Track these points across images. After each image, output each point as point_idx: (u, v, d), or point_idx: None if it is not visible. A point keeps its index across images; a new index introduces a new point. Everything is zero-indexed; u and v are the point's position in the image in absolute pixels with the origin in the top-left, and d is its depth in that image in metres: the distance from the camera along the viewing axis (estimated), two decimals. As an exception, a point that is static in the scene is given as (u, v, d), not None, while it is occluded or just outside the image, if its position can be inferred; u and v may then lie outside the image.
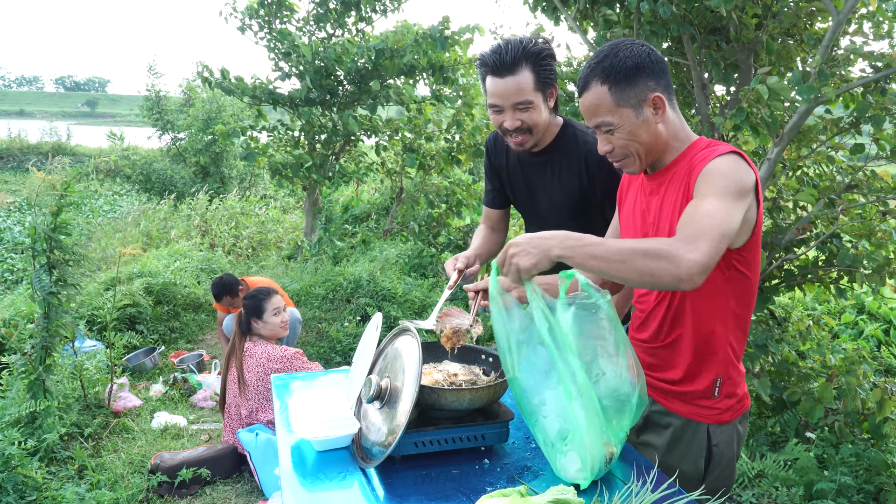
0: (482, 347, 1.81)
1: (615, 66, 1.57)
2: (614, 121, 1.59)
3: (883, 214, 3.89)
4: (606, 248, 1.39)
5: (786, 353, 4.41)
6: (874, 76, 3.72)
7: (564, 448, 1.45)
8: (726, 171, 1.51)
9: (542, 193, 2.22)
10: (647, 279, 1.37)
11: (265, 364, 3.49)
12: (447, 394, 1.51)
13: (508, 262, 1.44)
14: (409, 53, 6.82)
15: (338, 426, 1.57)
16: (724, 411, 1.70)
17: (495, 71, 1.96)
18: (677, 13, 4.15)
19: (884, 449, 3.73)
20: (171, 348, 5.58)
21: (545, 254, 1.41)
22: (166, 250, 7.52)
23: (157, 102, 14.48)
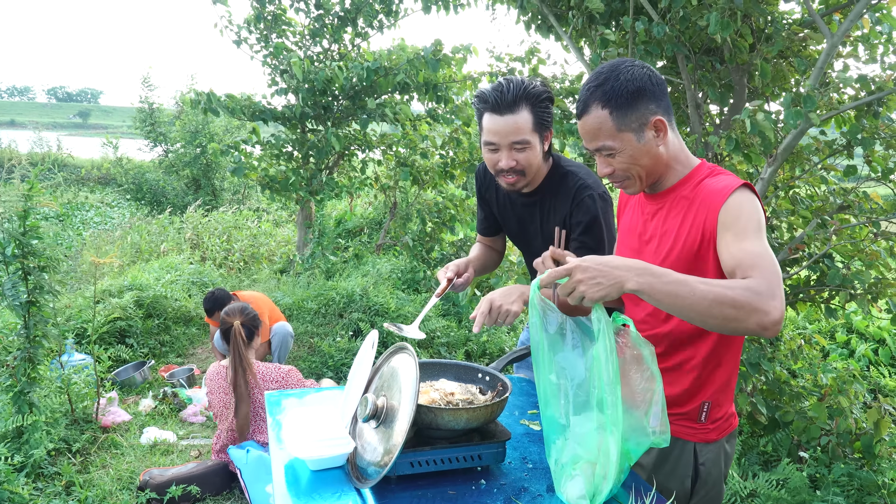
0: (479, 366, 1.79)
1: (616, 90, 1.55)
2: (615, 145, 1.58)
3: (875, 235, 3.92)
4: (690, 290, 1.35)
5: (778, 372, 4.42)
6: (867, 99, 3.76)
7: (573, 472, 1.43)
8: (751, 210, 1.52)
9: (535, 234, 2.22)
10: (731, 326, 1.35)
11: (265, 384, 3.46)
12: (444, 413, 1.50)
13: (573, 286, 1.38)
14: (402, 72, 6.87)
15: (333, 445, 1.55)
16: (710, 430, 1.70)
17: (495, 108, 1.95)
18: (671, 34, 4.18)
19: (875, 469, 3.73)
20: (160, 362, 5.54)
21: (617, 286, 1.36)
22: (157, 263, 7.47)
23: (151, 114, 14.47)
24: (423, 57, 6.91)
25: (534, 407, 1.97)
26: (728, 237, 1.50)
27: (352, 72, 6.86)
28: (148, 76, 14.66)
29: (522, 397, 2.05)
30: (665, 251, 1.63)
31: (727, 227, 1.51)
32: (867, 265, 3.99)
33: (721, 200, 1.53)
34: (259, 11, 7.59)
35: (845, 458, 3.86)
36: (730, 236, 1.49)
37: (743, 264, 1.43)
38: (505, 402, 1.59)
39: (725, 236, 1.51)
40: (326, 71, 6.73)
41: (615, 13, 4.77)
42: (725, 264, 1.49)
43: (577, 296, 1.37)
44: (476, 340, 6.03)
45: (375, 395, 1.55)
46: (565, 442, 1.45)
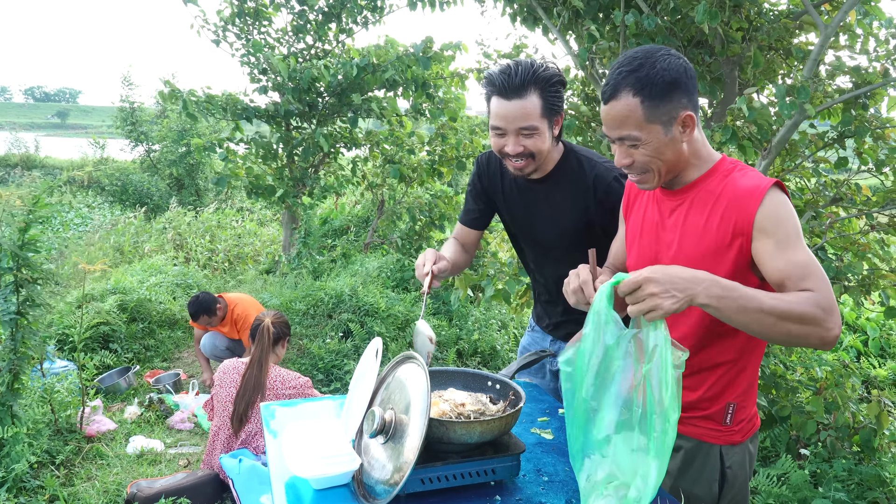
0: (488, 373, 1.71)
1: (651, 79, 1.46)
2: (642, 136, 1.50)
3: (872, 228, 3.89)
4: (759, 305, 1.32)
5: (773, 367, 4.39)
6: (856, 91, 3.73)
7: (604, 491, 1.36)
8: (789, 214, 1.47)
9: (546, 222, 2.12)
10: (792, 340, 1.35)
11: (277, 388, 3.36)
12: (456, 426, 1.42)
13: (644, 296, 1.30)
14: (390, 69, 6.77)
15: (337, 462, 1.47)
16: (735, 432, 1.65)
17: (502, 92, 1.87)
18: (662, 26, 4.13)
19: (875, 463, 3.71)
20: (146, 367, 5.41)
21: (689, 300, 1.31)
22: (140, 265, 7.32)
23: (132, 114, 14.26)
24: (412, 55, 6.81)
25: (543, 414, 1.90)
26: (770, 245, 1.45)
27: (339, 69, 6.75)
28: (128, 75, 14.45)
29: (531, 404, 1.98)
30: (688, 247, 1.57)
31: (767, 233, 1.46)
32: (860, 257, 3.97)
33: (756, 201, 1.47)
34: (239, 8, 7.45)
35: (845, 452, 3.83)
36: (772, 245, 1.44)
37: (793, 276, 1.40)
38: (518, 412, 1.51)
39: (766, 244, 1.45)
40: (313, 70, 6.61)
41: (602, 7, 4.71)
42: (771, 276, 1.45)
43: (647, 307, 1.30)
44: (467, 339, 5.95)
45: (382, 409, 1.47)
46: (602, 459, 1.37)
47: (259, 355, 3.42)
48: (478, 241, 2.38)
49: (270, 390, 3.34)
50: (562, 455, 1.65)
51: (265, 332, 3.48)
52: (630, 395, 1.33)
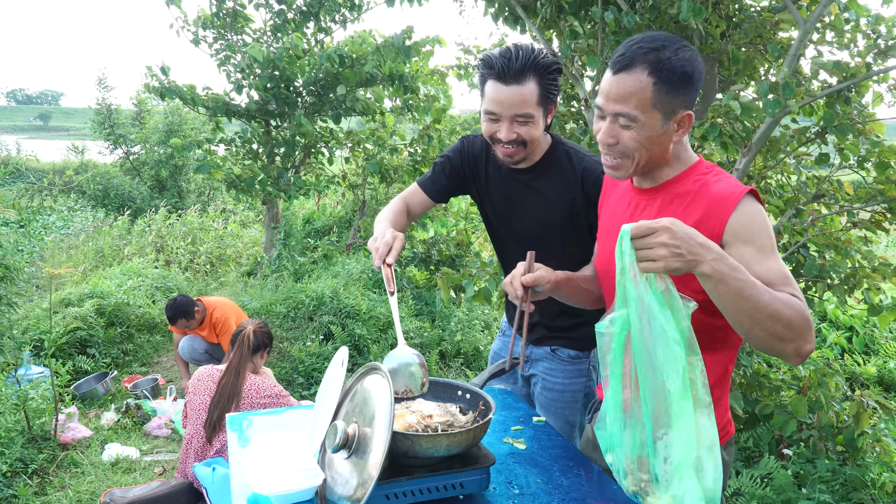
0: (458, 383, 1.66)
1: (671, 64, 1.41)
2: (641, 118, 1.43)
3: (854, 225, 3.88)
4: (757, 295, 1.26)
5: (756, 366, 4.37)
6: (838, 87, 3.71)
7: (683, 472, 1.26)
8: (766, 224, 1.44)
9: (529, 213, 2.06)
10: (771, 343, 1.31)
11: (252, 396, 3.29)
12: (422, 440, 1.36)
13: (654, 244, 1.23)
14: (370, 62, 6.69)
15: (298, 478, 1.41)
16: None
17: (500, 77, 1.81)
18: (641, 23, 4.09)
19: (860, 463, 3.69)
20: (124, 372, 5.32)
21: (694, 265, 1.24)
22: (119, 269, 7.21)
23: (109, 116, 14.11)
24: (392, 44, 6.72)
25: (517, 422, 1.85)
26: (748, 252, 1.39)
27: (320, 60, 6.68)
28: (104, 77, 14.29)
29: (504, 412, 1.93)
30: None
31: (744, 239, 1.41)
32: (843, 255, 3.95)
33: (730, 207, 1.43)
34: (217, 8, 7.36)
35: (828, 452, 3.82)
36: (751, 251, 1.39)
37: (776, 283, 1.35)
38: (488, 423, 1.46)
39: (744, 250, 1.40)
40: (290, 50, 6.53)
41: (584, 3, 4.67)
42: None
43: (652, 255, 1.24)
44: (450, 340, 5.91)
45: (346, 423, 1.41)
46: (671, 433, 1.27)
47: (237, 362, 3.36)
48: (427, 208, 2.27)
49: (245, 399, 3.27)
50: (534, 466, 1.60)
51: (245, 339, 3.42)
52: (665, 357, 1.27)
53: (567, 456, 1.65)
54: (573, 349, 2.09)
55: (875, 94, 4.00)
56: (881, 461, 3.68)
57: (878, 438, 3.70)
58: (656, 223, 1.25)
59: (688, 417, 1.26)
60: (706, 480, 1.25)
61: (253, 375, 3.38)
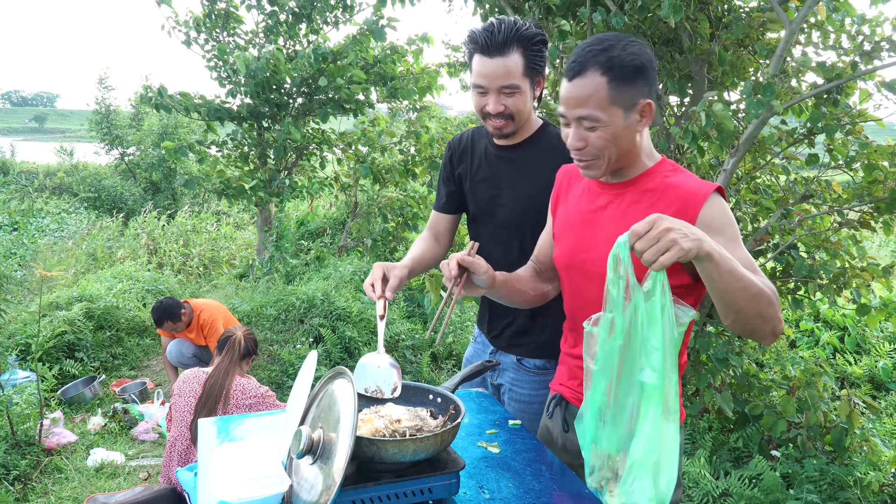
0: (430, 387, 1.64)
1: (621, 60, 1.45)
2: (603, 117, 1.47)
3: (840, 225, 3.87)
4: (745, 273, 1.31)
5: (746, 366, 4.36)
6: (825, 87, 3.70)
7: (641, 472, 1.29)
8: (732, 218, 1.49)
9: (508, 190, 2.06)
10: (754, 323, 1.35)
11: (238, 398, 3.28)
12: (388, 445, 1.35)
13: (660, 234, 1.22)
14: (350, 52, 6.67)
15: (264, 484, 1.39)
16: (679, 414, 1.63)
17: (484, 50, 1.84)
18: (630, 24, 4.08)
19: (847, 463, 3.68)
20: (112, 376, 5.30)
21: (699, 246, 1.24)
22: (110, 272, 7.19)
23: (107, 116, 14.08)
24: (366, 28, 6.70)
25: (492, 426, 1.83)
26: (720, 241, 1.40)
27: (301, 60, 6.66)
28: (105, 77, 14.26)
29: (480, 415, 1.91)
30: None
31: (715, 230, 1.44)
32: (832, 255, 3.95)
33: (700, 201, 1.47)
34: (209, 9, 7.34)
35: (816, 452, 3.81)
36: (722, 241, 1.41)
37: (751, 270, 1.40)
38: (457, 428, 1.44)
39: (717, 239, 1.40)
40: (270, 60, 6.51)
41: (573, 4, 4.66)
42: None
43: (665, 245, 1.22)
44: (442, 342, 5.89)
45: (311, 428, 1.39)
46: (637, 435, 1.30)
47: (227, 365, 3.37)
48: (453, 227, 2.31)
49: (231, 400, 3.26)
50: (506, 470, 1.59)
51: (236, 343, 3.44)
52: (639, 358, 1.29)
53: (540, 460, 1.64)
54: (540, 358, 2.07)
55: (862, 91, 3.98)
56: (868, 460, 3.68)
57: (866, 438, 3.69)
58: (649, 218, 1.26)
59: (655, 423, 1.28)
60: (660, 483, 1.27)
61: (238, 377, 3.37)
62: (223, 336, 3.49)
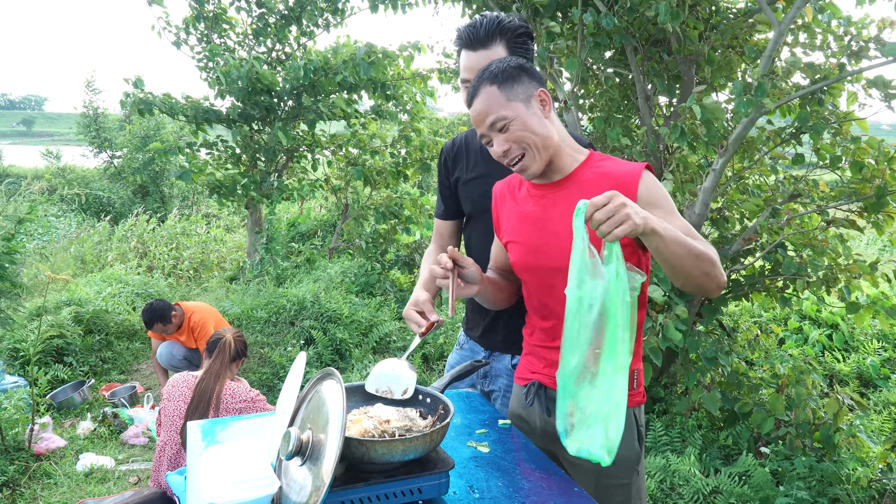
0: (419, 387, 1.64)
1: (501, 68, 1.64)
2: (508, 114, 1.62)
3: (827, 224, 3.89)
4: (686, 240, 1.47)
5: (735, 365, 4.38)
6: (811, 87, 3.72)
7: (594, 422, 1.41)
8: (664, 191, 1.65)
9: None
10: (701, 281, 1.52)
11: (228, 401, 3.27)
12: (377, 446, 1.35)
13: (617, 208, 1.35)
14: (342, 72, 6.69)
15: (253, 486, 1.39)
16: (639, 393, 1.80)
17: (469, 44, 1.93)
18: (620, 25, 4.10)
19: (836, 459, 3.70)
20: (102, 381, 5.27)
21: (646, 223, 1.38)
22: (99, 275, 7.15)
23: (95, 119, 14.00)
24: (356, 59, 6.73)
25: (482, 426, 1.83)
26: (660, 214, 1.58)
27: (290, 72, 6.65)
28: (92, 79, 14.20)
29: (470, 415, 1.91)
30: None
31: (654, 204, 1.61)
32: (819, 253, 3.97)
33: (636, 179, 1.63)
34: (198, 11, 7.32)
35: (805, 449, 3.83)
36: (661, 213, 1.59)
37: (689, 234, 1.55)
38: (446, 428, 1.44)
39: (656, 212, 1.58)
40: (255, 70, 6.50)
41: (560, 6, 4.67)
42: None
43: (620, 219, 1.35)
44: (433, 343, 5.89)
45: (300, 429, 1.39)
46: (592, 389, 1.42)
47: (218, 368, 3.36)
48: (458, 233, 2.32)
49: (222, 404, 3.25)
50: (496, 469, 1.59)
51: (227, 346, 3.43)
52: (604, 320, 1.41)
53: (530, 459, 1.64)
54: None
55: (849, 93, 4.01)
56: (856, 457, 3.70)
57: (853, 434, 3.71)
58: (607, 193, 1.37)
59: (609, 378, 1.40)
60: (610, 432, 1.40)
61: (229, 381, 3.36)
62: (212, 339, 3.48)
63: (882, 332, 6.52)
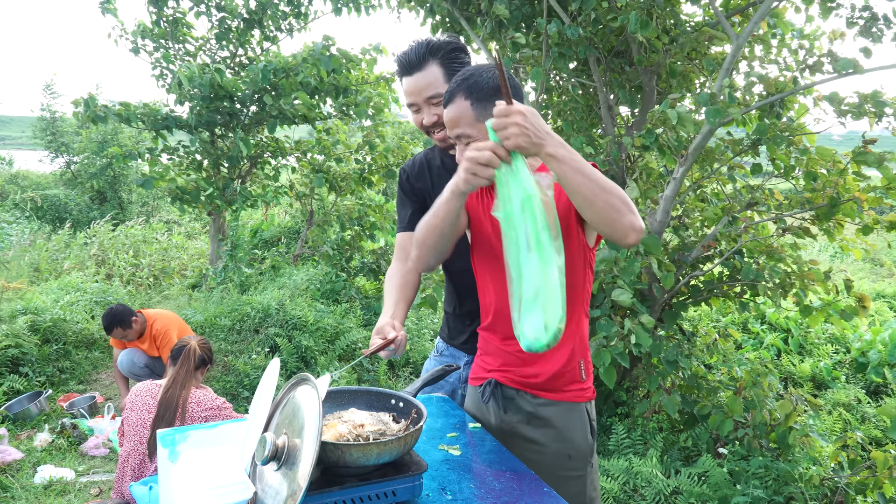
0: (392, 391, 1.67)
1: (479, 85, 1.69)
2: (473, 133, 1.70)
3: (784, 231, 4.01)
4: (594, 172, 1.52)
5: (695, 368, 4.49)
6: (769, 99, 3.85)
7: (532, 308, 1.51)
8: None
9: None
10: (611, 216, 1.53)
11: (193, 410, 3.23)
12: (352, 450, 1.37)
13: (507, 125, 1.46)
14: (302, 72, 6.66)
15: (228, 492, 1.39)
16: (588, 388, 1.88)
17: (405, 70, 2.01)
18: (584, 35, 4.18)
19: (790, 459, 3.82)
20: (60, 391, 5.15)
21: (539, 146, 1.48)
22: (56, 283, 7.00)
23: (52, 123, 13.70)
24: (315, 54, 6.71)
25: (453, 429, 1.86)
26: None
27: (249, 73, 6.61)
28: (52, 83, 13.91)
29: (441, 419, 1.94)
30: None
31: None
32: (776, 259, 4.09)
33: None
34: (157, 16, 7.23)
35: (762, 449, 3.94)
36: None
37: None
38: (419, 431, 1.47)
39: None
40: (213, 75, 6.44)
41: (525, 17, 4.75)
42: None
43: (506, 134, 1.47)
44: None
45: (276, 434, 1.40)
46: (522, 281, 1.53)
47: (183, 376, 3.31)
48: None
49: (188, 413, 3.22)
50: (468, 472, 1.62)
51: (191, 353, 3.38)
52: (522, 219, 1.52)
53: (501, 461, 1.68)
54: None
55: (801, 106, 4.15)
56: (809, 456, 3.82)
57: (806, 434, 3.83)
58: (514, 107, 1.47)
59: (534, 266, 1.51)
60: (548, 317, 1.50)
61: (194, 389, 3.33)
62: (177, 346, 3.44)
63: (834, 336, 6.73)
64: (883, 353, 6.03)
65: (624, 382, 4.79)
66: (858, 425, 4.93)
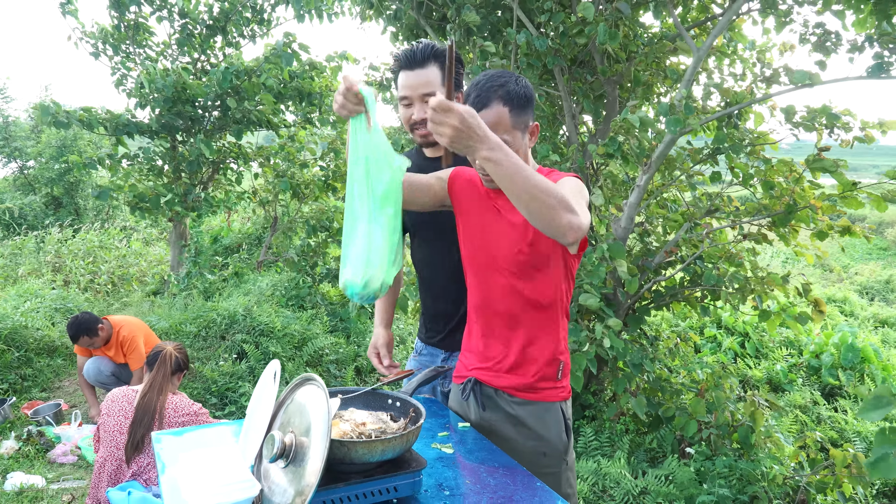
0: (389, 392, 1.72)
1: (518, 93, 1.76)
2: (509, 139, 1.75)
3: (744, 237, 4.16)
4: (531, 174, 1.54)
5: (658, 371, 4.63)
6: (728, 110, 4.01)
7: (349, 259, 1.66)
8: (576, 183, 1.79)
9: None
10: (549, 215, 1.56)
11: (171, 415, 3.21)
12: (358, 446, 1.42)
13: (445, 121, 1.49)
14: (264, 73, 6.65)
15: (235, 489, 1.43)
16: (564, 388, 1.96)
17: (406, 65, 2.07)
18: (552, 46, 4.30)
19: (754, 458, 3.96)
20: (23, 398, 5.04)
21: (472, 150, 1.53)
22: (14, 290, 6.83)
23: (5, 128, 13.34)
24: (275, 52, 6.71)
25: (443, 429, 1.92)
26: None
27: (212, 77, 6.56)
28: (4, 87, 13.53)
29: (431, 419, 1.99)
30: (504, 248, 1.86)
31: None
32: (736, 265, 4.25)
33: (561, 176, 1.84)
34: (118, 20, 7.14)
35: (726, 449, 4.08)
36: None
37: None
38: (420, 429, 1.53)
39: None
40: (179, 74, 6.39)
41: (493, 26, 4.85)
42: None
43: (439, 131, 1.52)
44: (366, 356, 5.91)
45: (282, 432, 1.45)
46: (353, 234, 1.66)
47: (160, 381, 3.31)
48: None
49: (165, 418, 3.21)
50: (462, 468, 1.68)
51: (168, 358, 3.39)
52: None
53: (492, 458, 1.74)
54: None
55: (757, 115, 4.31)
56: (772, 455, 3.97)
57: (770, 434, 3.98)
58: (456, 106, 1.49)
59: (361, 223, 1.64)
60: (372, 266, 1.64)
61: (171, 394, 3.33)
62: (153, 351, 3.43)
63: (789, 340, 6.98)
64: (836, 356, 6.28)
65: (591, 386, 4.90)
66: (815, 426, 5.13)
